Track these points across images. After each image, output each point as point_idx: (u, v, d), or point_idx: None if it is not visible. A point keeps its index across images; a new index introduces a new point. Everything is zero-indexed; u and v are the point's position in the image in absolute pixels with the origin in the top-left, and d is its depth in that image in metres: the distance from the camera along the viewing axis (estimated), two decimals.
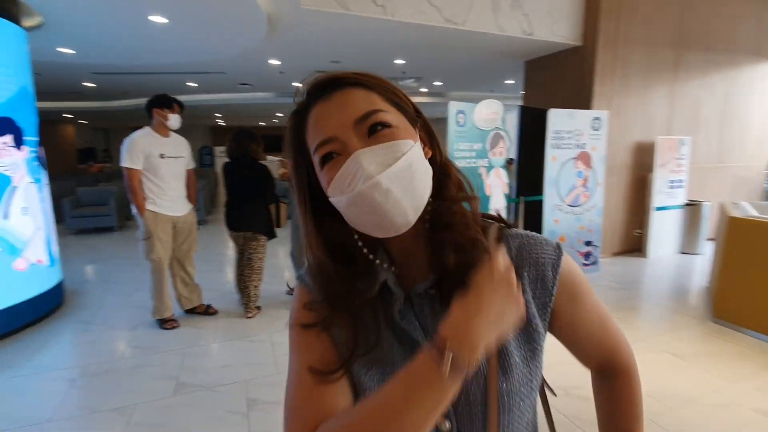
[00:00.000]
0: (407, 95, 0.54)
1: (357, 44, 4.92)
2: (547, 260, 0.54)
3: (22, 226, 3.13)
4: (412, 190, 0.48)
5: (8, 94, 3.04)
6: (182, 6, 3.44)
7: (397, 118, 0.50)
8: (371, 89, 0.50)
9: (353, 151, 0.47)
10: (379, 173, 0.45)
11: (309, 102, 0.51)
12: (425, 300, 0.53)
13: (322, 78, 0.51)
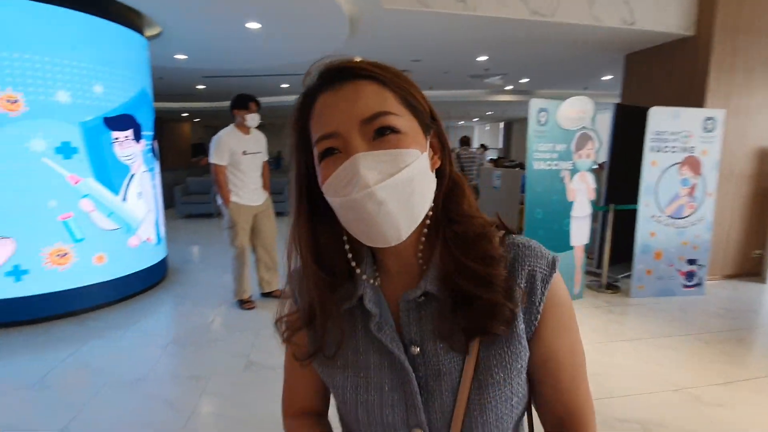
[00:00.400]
0: (425, 97, 0.50)
1: (438, 42, 4.86)
2: (538, 273, 0.50)
3: (136, 208, 3.65)
4: (409, 205, 0.45)
5: (131, 94, 3.55)
6: (273, 12, 3.71)
7: (408, 123, 0.46)
8: (386, 86, 0.46)
9: (355, 151, 0.44)
10: (376, 183, 0.43)
11: (319, 86, 0.48)
12: (413, 306, 0.51)
13: (335, 63, 0.47)
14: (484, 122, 18.01)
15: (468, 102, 9.73)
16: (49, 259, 3.12)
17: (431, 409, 0.49)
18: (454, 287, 0.48)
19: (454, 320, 0.48)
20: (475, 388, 0.48)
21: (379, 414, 0.51)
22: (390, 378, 0.51)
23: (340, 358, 0.53)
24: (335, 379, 0.54)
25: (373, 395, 0.51)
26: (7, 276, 3.01)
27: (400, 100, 0.47)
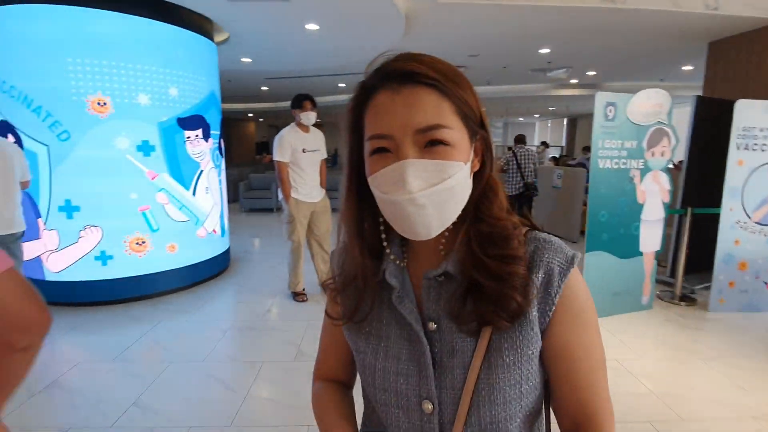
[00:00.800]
0: (478, 101, 0.52)
1: (497, 35, 4.70)
2: (556, 266, 0.52)
3: (204, 202, 3.93)
4: (445, 210, 0.49)
5: (202, 96, 3.83)
6: (331, 13, 3.80)
7: (459, 134, 0.49)
8: (445, 96, 0.48)
9: (405, 157, 0.47)
10: (420, 191, 0.47)
11: (381, 82, 0.49)
12: (433, 284, 0.55)
13: (399, 64, 0.48)
14: (546, 118, 17.17)
15: (528, 97, 9.33)
16: (130, 246, 3.46)
17: (442, 384, 0.52)
18: (470, 274, 0.51)
19: (466, 305, 0.51)
20: (485, 368, 0.50)
21: (394, 381, 0.55)
22: (407, 349, 0.55)
23: (366, 324, 0.58)
24: (359, 344, 0.59)
25: (390, 363, 0.55)
26: (96, 260, 3.38)
27: (455, 111, 0.49)
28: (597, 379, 0.52)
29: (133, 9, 3.26)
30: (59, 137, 3.20)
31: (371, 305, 0.57)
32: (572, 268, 0.52)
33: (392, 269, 0.57)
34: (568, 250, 0.53)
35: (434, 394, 0.52)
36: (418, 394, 0.53)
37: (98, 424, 1.97)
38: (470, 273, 0.51)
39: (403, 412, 0.55)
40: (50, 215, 3.29)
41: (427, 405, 0.53)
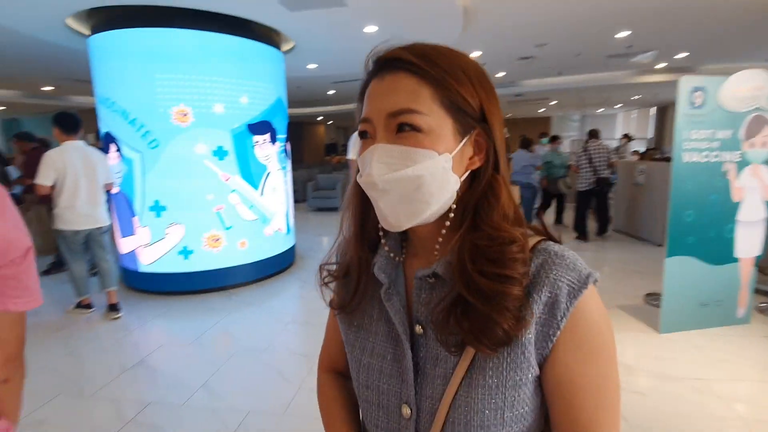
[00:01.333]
0: (485, 94, 0.48)
1: (566, 22, 4.39)
2: (565, 285, 0.45)
3: (271, 202, 4.19)
4: (412, 200, 0.47)
5: (269, 102, 4.09)
6: (387, 13, 3.83)
7: (436, 122, 0.46)
8: (425, 81, 0.46)
9: (378, 141, 0.48)
10: (380, 175, 0.46)
11: (373, 72, 0.50)
12: (424, 286, 0.53)
13: (385, 53, 0.49)
14: (630, 108, 15.64)
15: (607, 86, 8.56)
16: (207, 242, 3.81)
17: (422, 391, 0.50)
18: (460, 281, 0.47)
19: (450, 318, 0.47)
20: (464, 386, 0.47)
21: (377, 380, 0.54)
22: (393, 349, 0.54)
23: (357, 317, 0.58)
24: (349, 336, 0.59)
25: (375, 360, 0.55)
26: (179, 254, 3.77)
27: (437, 98, 0.46)
28: (603, 419, 0.45)
29: (210, 25, 3.58)
30: (150, 145, 3.62)
31: (360, 298, 0.57)
32: (585, 289, 0.45)
33: (383, 263, 0.55)
34: (584, 267, 0.47)
35: (413, 400, 0.51)
36: (399, 397, 0.52)
37: (172, 402, 2.20)
38: (459, 279, 0.47)
39: (383, 411, 0.54)
40: (143, 214, 3.74)
41: (405, 409, 0.51)
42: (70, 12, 3.60)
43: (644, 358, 2.59)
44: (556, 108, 14.32)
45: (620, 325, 3.01)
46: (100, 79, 3.71)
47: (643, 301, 3.46)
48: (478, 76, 0.49)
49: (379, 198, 0.48)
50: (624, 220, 5.95)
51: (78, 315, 3.40)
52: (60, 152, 3.11)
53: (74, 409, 2.16)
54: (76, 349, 2.83)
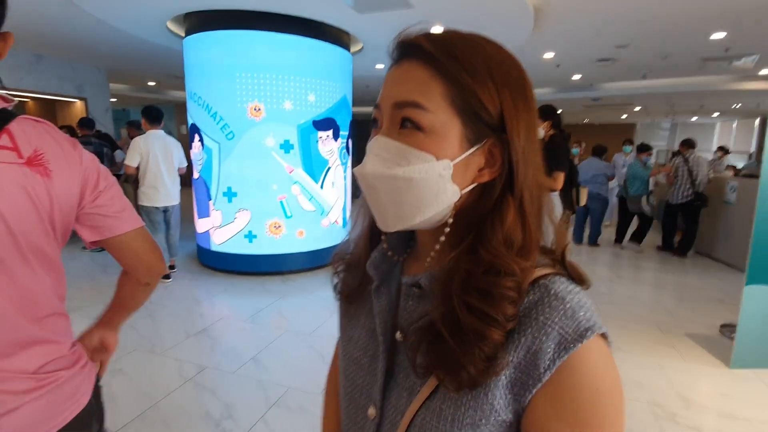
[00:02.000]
0: (506, 95, 0.41)
1: (651, 22, 4.06)
2: (556, 332, 0.38)
3: (329, 195, 4.40)
4: (401, 204, 0.43)
5: (334, 100, 4.29)
6: (453, 14, 3.82)
7: (441, 122, 0.41)
8: (438, 73, 0.41)
9: (381, 132, 0.44)
10: (371, 171, 0.43)
11: (391, 56, 0.47)
12: (411, 294, 0.49)
13: (399, 38, 0.45)
14: (729, 118, 13.89)
15: (701, 92, 7.72)
16: (269, 229, 4.11)
17: (390, 397, 0.48)
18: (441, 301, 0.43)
19: (425, 343, 0.42)
20: (424, 408, 0.44)
21: (355, 372, 0.53)
22: (375, 346, 0.51)
23: (353, 307, 0.57)
24: (342, 323, 0.59)
25: (357, 353, 0.54)
26: (245, 238, 4.11)
27: (448, 96, 0.41)
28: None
29: (285, 28, 3.85)
30: (227, 137, 3.98)
31: (364, 289, 0.55)
32: (581, 343, 0.37)
33: (377, 260, 0.52)
34: (586, 317, 0.39)
35: (378, 404, 0.49)
36: (369, 396, 0.51)
37: (225, 369, 2.44)
38: (440, 297, 0.42)
39: (353, 405, 0.53)
40: (217, 199, 4.13)
41: (372, 410, 0.50)
42: (170, 16, 4.07)
43: (708, 393, 2.35)
44: (641, 114, 13.15)
45: (686, 355, 2.75)
46: (190, 75, 4.15)
47: (718, 331, 3.12)
48: (505, 76, 0.42)
49: (367, 194, 0.46)
50: (709, 241, 5.35)
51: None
52: (144, 139, 3.75)
53: (146, 364, 2.49)
54: (154, 312, 3.23)
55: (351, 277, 0.57)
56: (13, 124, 0.66)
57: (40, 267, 0.69)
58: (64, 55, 6.26)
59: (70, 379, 0.73)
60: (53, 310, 0.73)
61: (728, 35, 4.39)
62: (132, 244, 0.81)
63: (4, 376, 0.65)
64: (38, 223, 0.67)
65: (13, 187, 0.63)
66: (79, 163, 0.72)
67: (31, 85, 6.17)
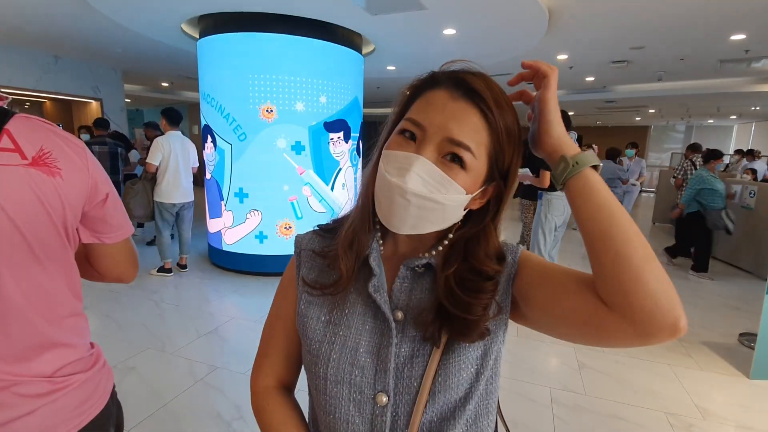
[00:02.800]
0: (517, 158, 0.54)
1: (668, 22, 3.99)
2: (509, 255, 0.57)
3: (340, 197, 4.40)
4: (426, 219, 0.52)
5: (346, 102, 4.29)
6: (467, 16, 3.80)
7: (478, 167, 0.51)
8: (489, 128, 0.50)
9: (422, 153, 0.50)
10: (413, 190, 0.49)
11: (447, 81, 0.51)
12: (410, 275, 0.57)
13: (472, 79, 0.50)
14: (747, 120, 13.60)
15: (717, 95, 7.56)
16: (279, 230, 4.12)
17: (400, 375, 0.53)
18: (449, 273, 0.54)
19: (434, 314, 0.53)
20: (443, 363, 0.52)
21: (349, 373, 0.53)
22: (367, 340, 0.54)
23: (325, 310, 0.57)
24: (315, 332, 0.56)
25: (346, 353, 0.54)
26: (255, 238, 4.13)
27: (488, 147, 0.51)
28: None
29: (297, 30, 3.86)
30: (239, 138, 4.00)
31: (351, 280, 0.57)
32: (521, 248, 0.58)
33: (375, 254, 0.57)
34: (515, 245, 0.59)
35: (390, 387, 0.52)
36: (373, 387, 0.53)
37: (234, 369, 2.44)
38: (448, 273, 0.54)
39: (354, 405, 0.54)
40: (229, 199, 4.15)
41: (381, 397, 0.52)
42: (184, 18, 4.12)
43: (727, 405, 2.29)
44: (655, 117, 12.95)
45: (703, 364, 2.69)
46: (204, 76, 4.19)
47: (737, 340, 3.04)
48: (519, 135, 0.54)
49: (398, 204, 0.50)
50: (727, 247, 5.24)
51: (160, 278, 3.98)
52: (166, 139, 3.86)
53: (158, 363, 2.51)
54: (166, 311, 3.26)
55: (335, 267, 0.57)
56: (11, 124, 0.64)
57: (55, 268, 0.69)
58: (81, 56, 6.37)
59: (87, 381, 0.73)
60: (72, 311, 0.73)
61: (748, 36, 4.29)
62: (117, 253, 0.81)
63: (21, 380, 0.65)
64: (49, 225, 0.66)
65: (19, 189, 0.62)
66: (87, 166, 0.71)
67: (49, 86, 6.29)
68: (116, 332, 2.87)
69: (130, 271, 0.85)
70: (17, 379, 0.64)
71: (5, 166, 0.61)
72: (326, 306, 0.58)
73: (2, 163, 0.61)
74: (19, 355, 0.65)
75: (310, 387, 0.60)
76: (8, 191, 0.61)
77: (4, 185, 0.61)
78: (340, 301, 0.58)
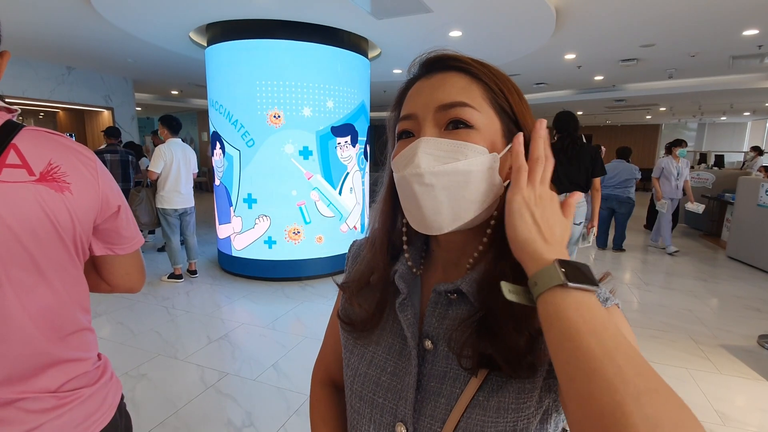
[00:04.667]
0: (522, 106, 0.48)
1: (678, 21, 3.93)
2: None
3: (348, 201, 4.40)
4: (459, 197, 0.45)
5: (353, 107, 4.30)
6: (473, 18, 3.78)
7: (487, 121, 0.46)
8: (477, 80, 0.47)
9: (423, 135, 0.46)
10: (428, 167, 0.44)
11: (417, 75, 0.50)
12: (442, 301, 0.50)
13: (432, 55, 0.50)
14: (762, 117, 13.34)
15: (730, 91, 7.43)
16: (288, 235, 4.13)
17: (422, 410, 0.47)
18: (485, 301, 0.45)
19: (470, 339, 0.44)
20: (473, 407, 0.44)
21: (372, 392, 0.51)
22: (395, 363, 0.51)
23: (361, 324, 0.54)
24: (349, 342, 0.56)
25: (373, 371, 0.52)
26: (264, 243, 4.15)
27: (487, 98, 0.46)
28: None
29: (303, 36, 3.88)
30: (247, 144, 4.03)
31: (382, 311, 0.53)
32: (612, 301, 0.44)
33: (403, 272, 0.53)
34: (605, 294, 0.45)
35: (410, 420, 0.47)
36: (394, 414, 0.49)
37: (246, 376, 2.44)
38: (486, 299, 0.45)
39: (374, 427, 0.51)
40: (238, 205, 4.18)
41: (400, 428, 0.48)
42: (193, 27, 4.17)
43: (747, 409, 2.23)
44: (666, 115, 12.76)
45: (722, 368, 2.62)
46: (212, 84, 4.23)
47: (756, 342, 2.96)
48: (520, 92, 0.49)
49: (423, 194, 0.45)
50: (743, 246, 5.12)
51: (171, 284, 4.02)
52: (167, 146, 3.94)
53: (169, 369, 2.52)
54: (176, 317, 3.28)
55: (362, 299, 0.55)
56: (19, 138, 0.63)
57: (62, 285, 0.68)
58: (93, 67, 6.49)
59: (93, 395, 0.73)
60: (78, 326, 0.72)
61: (761, 32, 4.21)
62: (129, 264, 0.81)
63: (26, 396, 0.64)
64: (58, 241, 0.65)
65: (26, 207, 0.61)
66: (96, 179, 0.70)
67: (62, 96, 6.42)
68: (129, 339, 2.89)
69: (140, 280, 0.85)
70: (22, 396, 0.64)
71: (12, 183, 0.60)
72: (366, 328, 0.55)
73: (9, 179, 0.60)
74: (25, 374, 0.64)
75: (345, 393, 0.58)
76: (14, 209, 0.60)
77: (10, 203, 0.60)
78: (372, 317, 0.55)
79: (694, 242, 6.28)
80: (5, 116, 0.64)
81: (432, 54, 0.49)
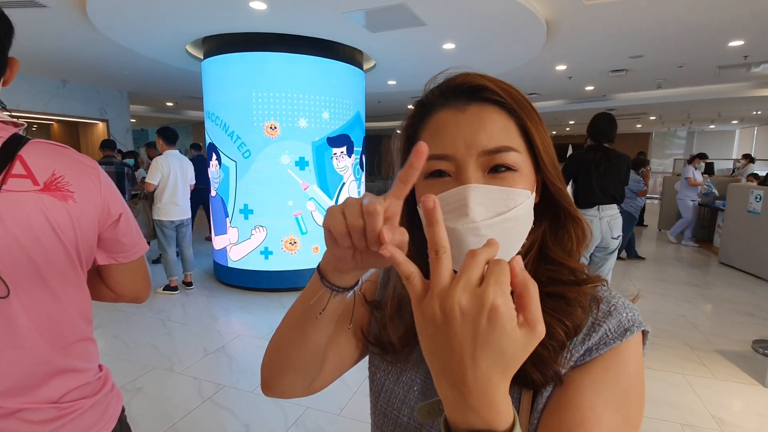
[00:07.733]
0: (543, 132, 0.47)
1: (666, 32, 4.03)
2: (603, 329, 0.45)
3: None
4: (507, 240, 0.43)
5: (348, 117, 4.34)
6: (466, 30, 3.86)
7: (525, 159, 0.44)
8: (512, 116, 0.44)
9: (467, 181, 0.42)
10: (483, 220, 0.41)
11: (441, 99, 0.46)
12: None
13: (466, 79, 0.45)
14: (750, 125, 13.60)
15: (718, 100, 7.59)
16: (285, 245, 4.13)
17: None
18: None
19: None
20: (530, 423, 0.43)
21: (397, 410, 0.50)
22: (422, 380, 0.49)
23: (387, 358, 0.53)
24: (375, 357, 0.54)
25: (399, 388, 0.50)
26: (261, 254, 4.14)
27: (521, 134, 0.45)
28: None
29: (299, 49, 3.93)
30: (244, 155, 4.05)
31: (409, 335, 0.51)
32: (631, 334, 0.44)
33: None
34: (628, 317, 0.45)
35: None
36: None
37: (243, 388, 2.42)
38: None
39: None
40: (234, 216, 4.18)
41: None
42: (189, 40, 4.21)
43: (744, 413, 2.24)
44: (656, 124, 12.98)
45: (718, 373, 2.64)
46: (209, 96, 4.26)
47: (750, 347, 2.99)
48: (540, 118, 0.48)
49: (477, 244, 0.40)
50: (735, 252, 5.19)
51: (167, 296, 4.00)
52: (164, 158, 3.93)
53: (165, 382, 2.49)
54: (172, 329, 3.25)
55: (396, 324, 0.52)
56: (25, 150, 0.65)
57: (65, 293, 0.69)
58: (89, 80, 6.51)
59: (94, 406, 0.73)
60: (80, 335, 0.73)
61: (746, 42, 4.33)
62: (134, 272, 0.81)
63: (27, 407, 0.64)
64: (61, 250, 0.66)
65: (31, 215, 0.62)
66: (99, 188, 0.72)
67: (57, 109, 6.42)
68: (125, 352, 2.86)
69: (146, 288, 0.86)
70: (24, 407, 0.64)
71: (17, 192, 0.62)
72: (392, 351, 0.53)
73: (14, 189, 0.62)
74: (28, 383, 0.65)
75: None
76: (19, 217, 0.62)
77: (15, 212, 0.61)
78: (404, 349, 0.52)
79: (686, 248, 6.36)
80: (12, 130, 0.66)
81: (459, 79, 0.45)
